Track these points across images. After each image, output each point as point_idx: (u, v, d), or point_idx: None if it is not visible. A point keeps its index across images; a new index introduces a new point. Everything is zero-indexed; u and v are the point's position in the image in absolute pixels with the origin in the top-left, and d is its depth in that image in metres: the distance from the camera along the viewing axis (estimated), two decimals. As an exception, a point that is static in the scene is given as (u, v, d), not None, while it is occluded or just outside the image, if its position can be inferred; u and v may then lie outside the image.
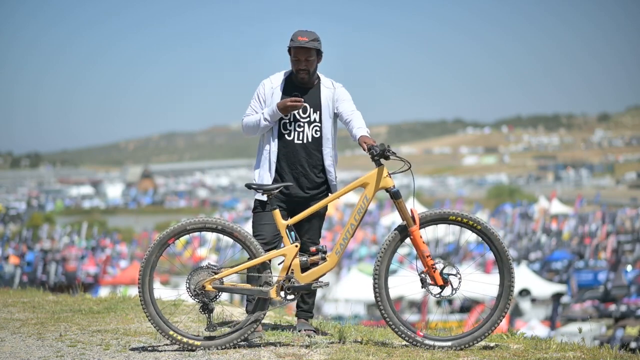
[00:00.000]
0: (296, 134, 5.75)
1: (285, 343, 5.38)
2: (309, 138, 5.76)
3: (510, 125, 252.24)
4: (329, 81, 5.84)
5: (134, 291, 8.47)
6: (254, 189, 5.46)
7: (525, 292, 28.53)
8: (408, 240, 5.27)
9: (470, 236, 29.04)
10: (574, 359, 4.99)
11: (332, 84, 5.83)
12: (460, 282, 5.23)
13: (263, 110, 5.77)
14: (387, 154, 5.16)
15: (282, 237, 5.39)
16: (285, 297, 5.29)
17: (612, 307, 23.53)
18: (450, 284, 5.23)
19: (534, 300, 28.80)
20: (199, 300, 5.28)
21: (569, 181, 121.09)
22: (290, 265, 5.29)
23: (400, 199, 5.26)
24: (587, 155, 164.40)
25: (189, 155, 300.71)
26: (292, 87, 5.77)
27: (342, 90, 5.82)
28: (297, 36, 5.65)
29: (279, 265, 5.39)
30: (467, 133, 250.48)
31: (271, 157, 5.74)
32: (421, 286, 5.26)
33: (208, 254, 30.06)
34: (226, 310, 6.45)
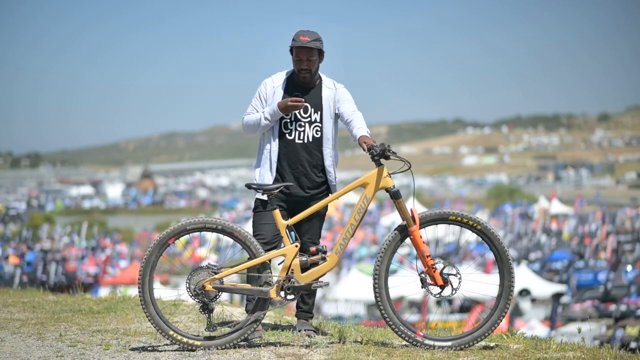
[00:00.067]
0: (297, 134, 5.75)
1: (285, 343, 5.38)
2: (310, 138, 5.76)
3: (510, 125, 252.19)
4: (330, 81, 5.84)
5: (134, 291, 8.47)
6: (254, 188, 5.46)
7: (525, 292, 28.52)
8: (408, 240, 5.27)
9: (470, 236, 29.07)
10: (574, 359, 4.99)
11: (333, 84, 5.83)
12: (460, 282, 5.24)
13: (264, 109, 5.77)
14: (387, 153, 5.16)
15: (282, 237, 5.39)
16: (285, 297, 5.29)
17: (612, 307, 23.52)
18: (450, 284, 5.23)
19: (534, 300, 28.79)
20: (199, 300, 5.27)
21: (569, 181, 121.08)
22: (290, 265, 5.29)
23: (400, 199, 5.26)
24: (587, 155, 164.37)
25: (189, 155, 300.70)
26: (293, 87, 5.77)
27: (343, 91, 5.82)
28: (299, 36, 5.65)
29: (279, 265, 5.39)
30: (467, 133, 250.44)
31: (272, 157, 5.74)
32: (421, 286, 5.26)
33: (208, 254, 30.05)
34: (226, 310, 6.45)
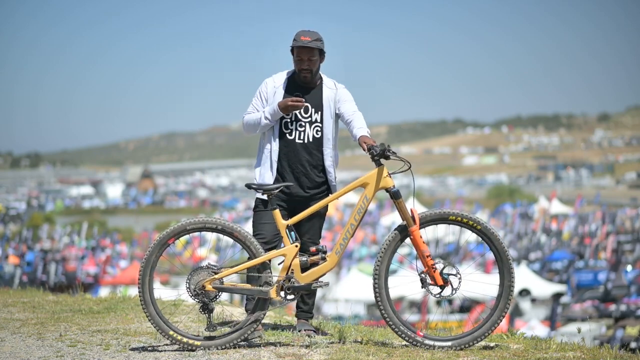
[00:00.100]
0: (297, 134, 5.75)
1: (285, 343, 5.38)
2: (310, 138, 5.76)
3: (510, 125, 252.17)
4: (331, 82, 5.84)
5: (134, 291, 8.47)
6: (254, 188, 5.46)
7: (525, 292, 28.52)
8: (408, 240, 5.27)
9: (470, 236, 29.06)
10: (574, 359, 4.99)
11: (334, 84, 5.83)
12: (460, 282, 5.24)
13: (264, 108, 5.77)
14: (387, 153, 5.16)
15: (282, 237, 5.39)
16: (285, 297, 5.29)
17: (612, 307, 23.53)
18: (450, 284, 5.23)
19: (534, 300, 28.80)
20: (199, 300, 5.27)
21: (569, 181, 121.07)
22: (290, 265, 5.29)
23: (400, 199, 5.26)
24: (587, 155, 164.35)
25: (189, 155, 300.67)
26: (294, 87, 5.77)
27: (344, 91, 5.82)
28: (300, 36, 5.65)
29: (279, 265, 5.39)
30: (467, 133, 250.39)
31: (272, 156, 5.74)
32: (421, 286, 5.26)
33: (208, 254, 30.05)
34: (226, 310, 6.45)
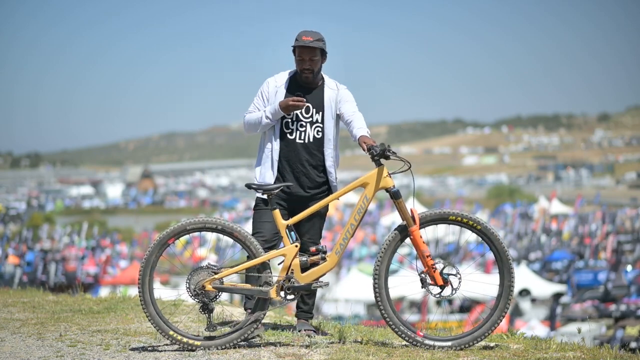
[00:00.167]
0: (298, 134, 5.76)
1: (285, 343, 5.38)
2: (311, 138, 5.76)
3: (510, 125, 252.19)
4: (333, 82, 5.85)
5: (134, 291, 8.47)
6: (253, 188, 5.46)
7: (525, 292, 28.53)
8: (408, 240, 5.27)
9: (470, 236, 29.06)
10: (574, 359, 4.99)
11: (336, 85, 5.84)
12: (460, 282, 5.24)
13: (265, 108, 5.78)
14: (387, 153, 5.16)
15: (282, 236, 5.39)
16: (285, 297, 5.29)
17: (612, 307, 23.53)
18: (450, 284, 5.23)
19: (534, 300, 28.81)
20: (199, 300, 5.27)
21: (569, 181, 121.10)
22: (290, 265, 5.29)
23: (400, 199, 5.26)
24: (587, 155, 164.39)
25: (189, 155, 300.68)
26: (296, 87, 5.78)
27: (345, 91, 5.82)
28: (302, 36, 5.66)
29: (279, 265, 5.39)
30: (467, 133, 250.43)
31: (273, 156, 5.75)
32: (421, 286, 5.26)
33: (208, 254, 30.05)
34: (226, 310, 6.45)
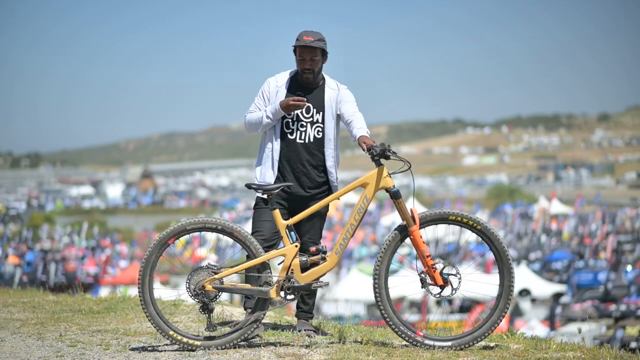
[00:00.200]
0: (298, 134, 5.76)
1: (285, 343, 5.38)
2: (311, 138, 5.76)
3: (510, 125, 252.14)
4: (333, 82, 5.85)
5: (134, 291, 8.47)
6: (253, 188, 5.46)
7: (525, 292, 28.53)
8: (408, 240, 5.27)
9: (470, 236, 29.06)
10: (574, 359, 4.99)
11: (336, 85, 5.84)
12: (460, 282, 5.24)
13: (266, 107, 5.78)
14: (388, 153, 5.16)
15: (281, 236, 5.39)
16: (285, 297, 5.29)
17: (612, 307, 23.53)
18: (450, 284, 5.23)
19: (534, 300, 28.80)
20: (199, 300, 5.27)
21: (569, 181, 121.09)
22: (290, 265, 5.29)
23: (400, 199, 5.26)
24: (587, 155, 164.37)
25: (189, 155, 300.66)
26: (297, 87, 5.78)
27: (346, 92, 5.83)
28: (303, 36, 5.67)
29: (279, 265, 5.39)
30: (467, 133, 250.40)
31: (274, 155, 5.75)
32: (421, 286, 5.26)
33: (208, 254, 30.05)
34: (226, 310, 6.45)
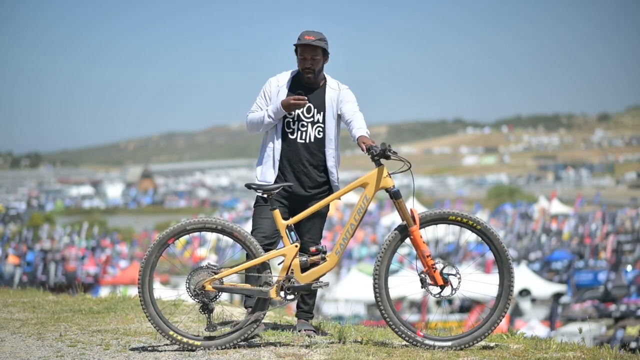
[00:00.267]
0: (299, 134, 5.76)
1: (285, 343, 5.38)
2: (312, 138, 5.76)
3: (510, 125, 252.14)
4: (335, 82, 5.85)
5: (134, 291, 8.47)
6: (253, 189, 5.46)
7: (525, 292, 28.52)
8: (408, 240, 5.27)
9: (470, 236, 29.08)
10: (574, 359, 4.99)
11: (337, 85, 5.84)
12: (460, 282, 5.24)
13: (268, 107, 5.79)
14: (388, 153, 5.16)
15: (281, 236, 5.39)
16: (285, 297, 5.29)
17: (612, 307, 23.52)
18: (450, 284, 5.23)
19: (534, 300, 28.80)
20: (199, 300, 5.27)
21: (569, 181, 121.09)
22: (290, 265, 5.29)
23: (400, 199, 5.26)
24: (587, 155, 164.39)
25: (189, 155, 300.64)
26: (298, 87, 5.79)
27: (347, 92, 5.83)
28: (304, 35, 5.68)
29: (279, 265, 5.39)
30: (467, 133, 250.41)
31: (275, 155, 5.75)
32: (421, 286, 5.26)
33: (208, 254, 30.04)
34: (226, 310, 6.45)
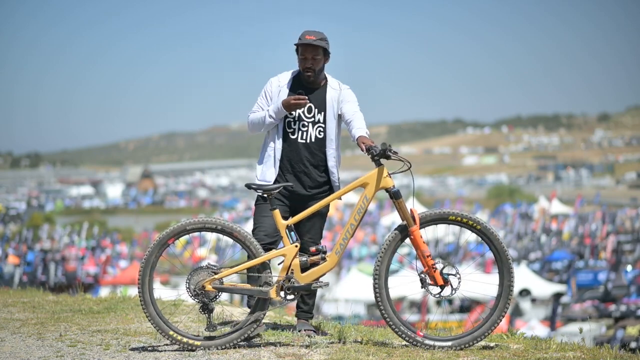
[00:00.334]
0: (300, 134, 5.76)
1: (285, 343, 5.38)
2: (312, 138, 5.77)
3: (510, 125, 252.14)
4: (336, 82, 5.86)
5: (134, 291, 8.47)
6: (253, 189, 5.46)
7: (525, 292, 28.53)
8: (408, 240, 5.27)
9: (470, 236, 29.07)
10: (574, 359, 4.99)
11: (338, 85, 5.85)
12: (460, 282, 5.24)
13: (269, 107, 5.79)
14: (388, 153, 5.16)
15: (282, 236, 5.39)
16: (285, 297, 5.29)
17: (612, 307, 23.53)
18: (450, 284, 5.23)
19: (534, 300, 28.80)
20: (199, 300, 5.27)
21: (569, 181, 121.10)
22: (290, 265, 5.29)
23: (400, 199, 5.26)
24: (587, 155, 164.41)
25: (189, 155, 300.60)
26: (299, 87, 5.79)
27: (347, 92, 5.83)
28: (305, 35, 5.69)
29: (279, 265, 5.39)
30: (467, 133, 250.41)
31: (275, 155, 5.76)
32: (421, 286, 5.26)
33: (208, 254, 30.04)
34: (226, 310, 6.45)
